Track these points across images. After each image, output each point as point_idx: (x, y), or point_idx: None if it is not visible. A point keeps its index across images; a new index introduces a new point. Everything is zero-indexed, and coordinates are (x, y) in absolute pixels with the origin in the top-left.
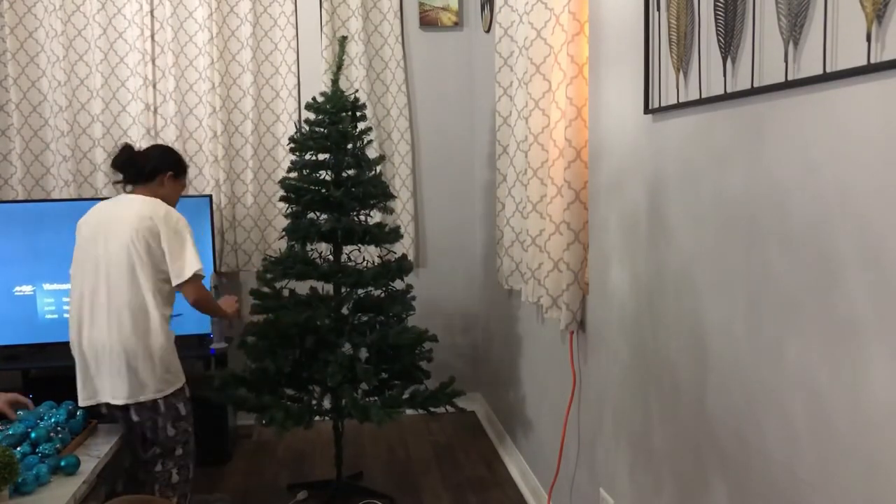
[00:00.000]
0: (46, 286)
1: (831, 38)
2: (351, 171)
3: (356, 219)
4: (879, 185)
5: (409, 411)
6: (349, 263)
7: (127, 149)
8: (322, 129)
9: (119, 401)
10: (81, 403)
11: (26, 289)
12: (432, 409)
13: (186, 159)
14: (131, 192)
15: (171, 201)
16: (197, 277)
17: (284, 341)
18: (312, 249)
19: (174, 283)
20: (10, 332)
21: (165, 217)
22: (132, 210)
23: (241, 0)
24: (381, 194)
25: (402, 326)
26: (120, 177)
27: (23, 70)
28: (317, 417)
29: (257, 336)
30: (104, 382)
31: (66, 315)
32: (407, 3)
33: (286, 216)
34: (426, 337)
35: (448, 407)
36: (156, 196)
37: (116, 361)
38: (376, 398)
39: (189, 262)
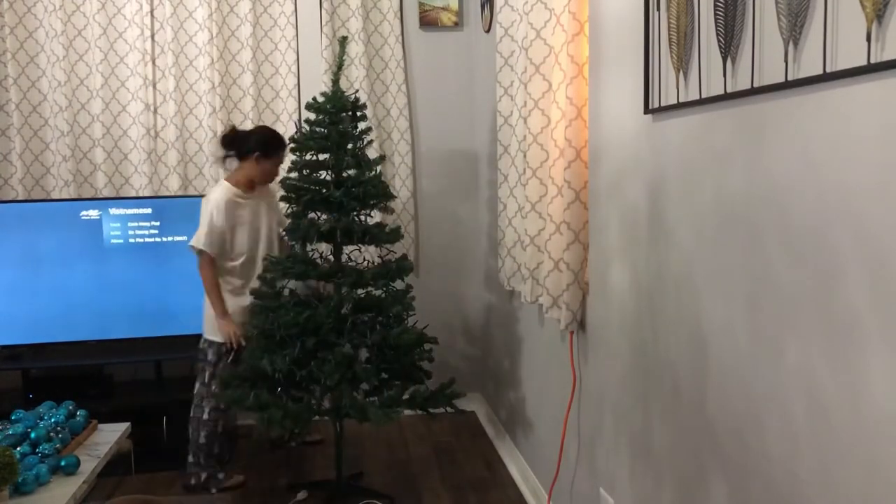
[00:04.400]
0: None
1: (831, 38)
2: (351, 171)
3: (356, 219)
4: (879, 185)
5: (408, 412)
6: (349, 263)
7: (232, 129)
8: (322, 130)
9: None
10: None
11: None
12: (432, 410)
13: (186, 159)
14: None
15: (262, 179)
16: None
17: (284, 341)
18: (312, 249)
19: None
20: (11, 332)
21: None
22: None
23: (241, 0)
24: (381, 194)
25: (402, 327)
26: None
27: (23, 70)
28: (316, 417)
29: (257, 336)
30: None
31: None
32: (407, 3)
33: (286, 216)
34: (426, 338)
35: (448, 408)
36: (245, 174)
37: None
38: (375, 398)
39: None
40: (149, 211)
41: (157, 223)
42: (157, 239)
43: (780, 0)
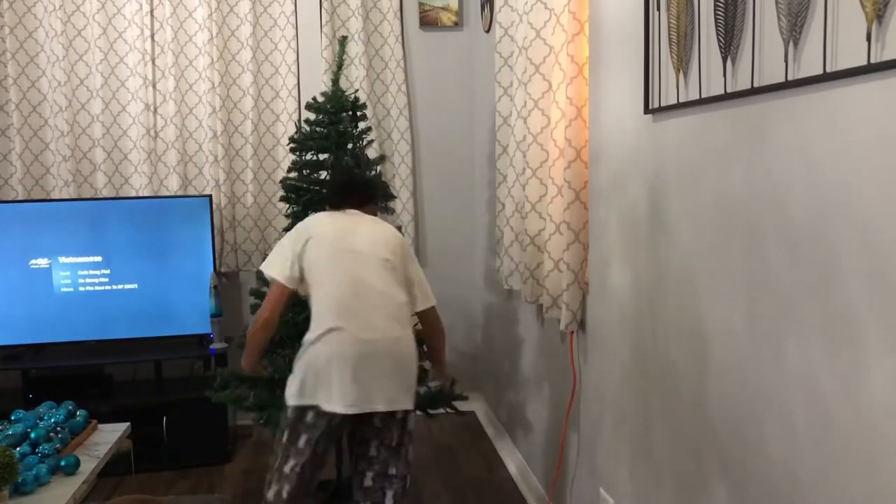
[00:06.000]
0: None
1: (831, 38)
2: None
3: None
4: (879, 184)
5: None
6: None
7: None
8: (322, 129)
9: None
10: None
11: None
12: (430, 412)
13: (186, 159)
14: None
15: None
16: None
17: (283, 342)
18: None
19: (422, 307)
20: (10, 332)
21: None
22: (384, 225)
23: (241, 0)
24: (380, 194)
25: None
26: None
27: (23, 70)
28: None
29: None
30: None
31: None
32: (407, 3)
33: (286, 216)
34: (425, 338)
35: (447, 409)
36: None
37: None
38: None
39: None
40: (98, 259)
41: (108, 271)
42: (107, 287)
43: (780, 0)
